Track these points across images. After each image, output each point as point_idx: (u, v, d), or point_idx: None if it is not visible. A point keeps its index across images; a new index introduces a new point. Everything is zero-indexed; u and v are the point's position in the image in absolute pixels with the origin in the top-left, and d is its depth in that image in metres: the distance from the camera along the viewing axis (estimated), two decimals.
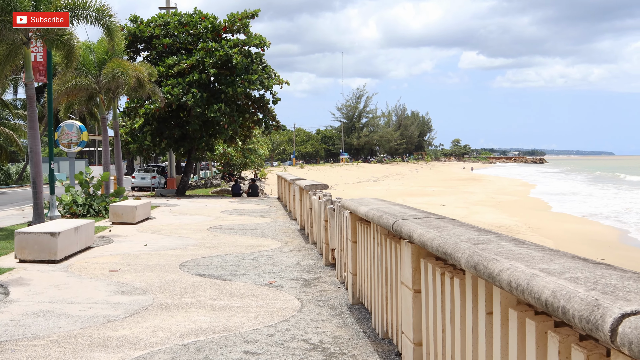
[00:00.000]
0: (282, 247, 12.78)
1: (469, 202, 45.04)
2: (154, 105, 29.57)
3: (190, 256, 11.44)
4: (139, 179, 42.09)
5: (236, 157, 49.42)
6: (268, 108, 32.92)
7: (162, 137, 31.48)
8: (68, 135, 26.33)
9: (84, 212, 18.84)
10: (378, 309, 6.20)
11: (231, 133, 31.74)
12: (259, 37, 31.64)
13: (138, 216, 17.31)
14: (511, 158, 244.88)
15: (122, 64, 20.38)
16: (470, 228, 4.00)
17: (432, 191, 58.24)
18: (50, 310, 7.25)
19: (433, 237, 3.77)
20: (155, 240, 13.86)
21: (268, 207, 24.48)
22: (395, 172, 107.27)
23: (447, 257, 3.44)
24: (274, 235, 14.97)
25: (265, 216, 20.20)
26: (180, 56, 30.94)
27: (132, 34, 31.65)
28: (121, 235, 14.71)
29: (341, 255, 8.83)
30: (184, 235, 14.67)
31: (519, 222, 31.22)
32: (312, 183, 13.84)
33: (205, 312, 7.17)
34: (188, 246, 12.83)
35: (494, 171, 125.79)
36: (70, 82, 20.12)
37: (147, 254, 11.68)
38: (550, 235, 27.60)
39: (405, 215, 4.99)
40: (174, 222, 17.79)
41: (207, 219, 19.02)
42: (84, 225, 12.08)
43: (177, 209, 22.69)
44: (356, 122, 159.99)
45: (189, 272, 9.83)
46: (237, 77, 30.56)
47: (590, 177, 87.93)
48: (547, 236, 27.35)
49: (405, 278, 4.77)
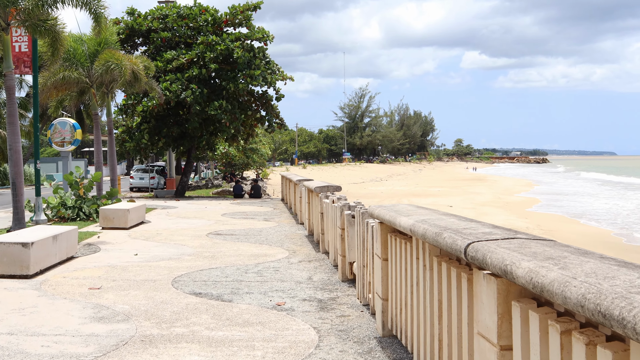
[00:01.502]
0: (289, 257, 11.31)
1: (476, 202, 43.82)
2: (151, 102, 28.08)
3: (185, 269, 9.96)
4: (138, 179, 40.68)
5: (238, 157, 47.92)
6: (271, 105, 31.37)
7: (160, 135, 29.95)
8: (61, 134, 24.87)
9: (73, 215, 17.36)
10: (425, 352, 4.72)
11: (233, 131, 30.20)
12: (261, 31, 30.13)
13: (131, 220, 15.82)
14: (514, 158, 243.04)
15: (116, 55, 18.82)
16: (608, 260, 2.53)
17: (437, 191, 57.09)
18: (4, 347, 5.77)
19: (563, 281, 2.28)
20: (147, 248, 12.38)
21: (272, 209, 23.01)
22: (398, 172, 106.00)
23: (607, 323, 1.96)
24: (279, 242, 13.49)
25: (269, 220, 18.73)
26: (180, 50, 29.44)
27: (129, 27, 30.16)
28: (110, 242, 13.23)
29: (364, 272, 7.35)
30: (180, 243, 13.19)
31: (530, 223, 29.91)
32: (322, 184, 12.32)
33: (200, 349, 5.69)
34: (184, 256, 11.35)
35: (498, 171, 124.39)
36: (58, 75, 18.57)
37: (137, 266, 10.20)
38: (564, 238, 26.25)
39: (479, 234, 3.51)
40: (170, 227, 16.31)
41: (207, 223, 17.55)
42: (64, 233, 10.60)
43: (175, 212, 21.22)
44: (359, 122, 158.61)
45: (183, 289, 8.35)
46: (239, 73, 29.05)
47: (596, 178, 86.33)
48: (561, 239, 25.95)
49: (483, 326, 3.29)
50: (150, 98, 27.77)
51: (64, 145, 24.48)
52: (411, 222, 4.47)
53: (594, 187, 63.50)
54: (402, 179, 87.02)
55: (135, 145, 29.76)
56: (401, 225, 4.73)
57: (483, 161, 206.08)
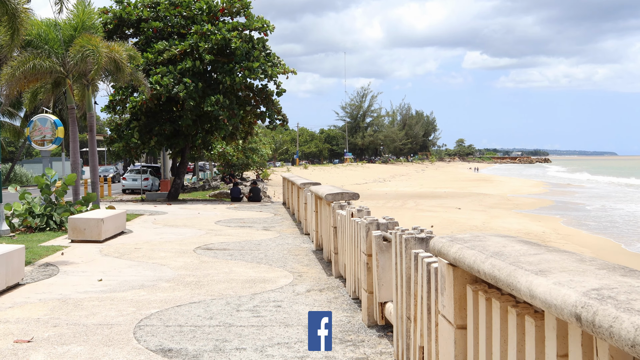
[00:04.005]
0: (295, 284, 8.90)
1: (484, 204, 41.76)
2: (140, 97, 25.66)
3: (158, 303, 7.56)
4: (130, 181, 38.37)
5: (236, 157, 45.52)
6: (272, 100, 28.82)
7: (152, 134, 27.47)
8: (41, 131, 22.53)
9: (41, 224, 14.92)
10: None
11: (231, 129, 27.70)
12: (261, 20, 27.68)
13: (106, 231, 13.38)
14: (515, 158, 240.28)
15: (92, 40, 16.34)
16: None
17: (443, 193, 55.08)
18: None
19: None
20: (118, 270, 9.97)
21: (272, 215, 20.60)
22: (401, 173, 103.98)
23: None
24: (282, 260, 11.08)
25: (270, 228, 16.33)
26: (172, 41, 27.01)
27: (117, 17, 27.73)
28: (74, 261, 10.80)
29: (411, 329, 4.95)
30: (160, 262, 10.77)
31: (545, 227, 27.81)
32: (334, 191, 9.83)
33: None
34: (160, 282, 8.94)
35: (501, 172, 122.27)
36: (28, 64, 16.12)
37: (95, 300, 7.80)
38: (582, 242, 24.00)
39: None
40: (153, 239, 13.89)
41: (197, 233, 15.15)
42: (6, 254, 8.20)
43: (163, 219, 18.81)
44: (360, 122, 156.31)
45: (148, 343, 5.94)
46: (236, 65, 26.60)
47: (606, 180, 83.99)
48: (579, 243, 23.72)
49: None
50: (140, 93, 25.37)
51: (44, 144, 22.18)
52: (573, 298, 2.06)
53: (609, 188, 61.34)
54: (406, 179, 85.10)
55: (124, 144, 27.33)
56: (536, 296, 2.33)
57: (485, 161, 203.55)
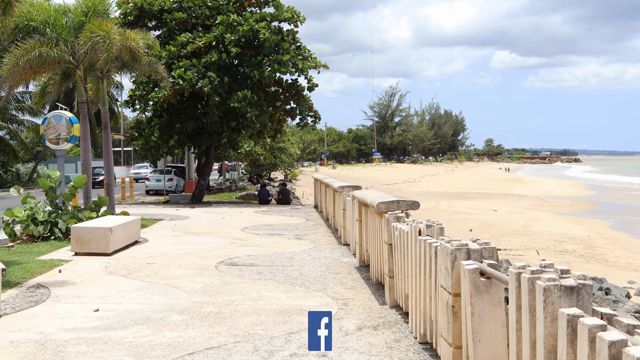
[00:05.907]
0: (340, 316, 6.97)
1: (520, 206, 39.80)
2: (162, 92, 23.92)
3: (163, 351, 5.67)
4: (154, 182, 36.80)
5: (264, 156, 43.71)
6: (303, 96, 26.85)
7: (173, 131, 25.68)
8: (56, 129, 20.93)
9: (45, 233, 13.16)
10: None
11: (259, 127, 25.77)
12: (291, 10, 25.78)
13: (115, 242, 11.57)
14: (545, 158, 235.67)
15: (103, 25, 14.54)
16: None
17: (476, 193, 53.23)
18: None
19: None
20: (121, 295, 8.13)
21: (304, 220, 18.70)
22: (431, 173, 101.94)
23: None
24: (320, 280, 9.15)
25: (302, 237, 14.42)
26: (196, 33, 25.24)
27: (138, 7, 26.01)
28: (71, 282, 8.99)
29: None
30: (174, 283, 8.91)
31: (590, 231, 25.76)
32: (388, 199, 7.82)
33: None
34: (171, 314, 7.08)
35: (532, 172, 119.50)
36: (33, 52, 14.39)
37: (84, 343, 5.94)
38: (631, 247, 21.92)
39: None
40: (170, 251, 12.05)
41: (220, 242, 13.30)
42: None
43: (184, 225, 17.00)
44: (389, 121, 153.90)
45: None
46: (265, 58, 24.71)
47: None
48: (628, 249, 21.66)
49: None
50: (162, 88, 23.64)
51: (59, 143, 20.58)
52: None
53: None
54: (436, 179, 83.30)
55: (143, 142, 25.62)
56: None
57: (514, 161, 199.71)
